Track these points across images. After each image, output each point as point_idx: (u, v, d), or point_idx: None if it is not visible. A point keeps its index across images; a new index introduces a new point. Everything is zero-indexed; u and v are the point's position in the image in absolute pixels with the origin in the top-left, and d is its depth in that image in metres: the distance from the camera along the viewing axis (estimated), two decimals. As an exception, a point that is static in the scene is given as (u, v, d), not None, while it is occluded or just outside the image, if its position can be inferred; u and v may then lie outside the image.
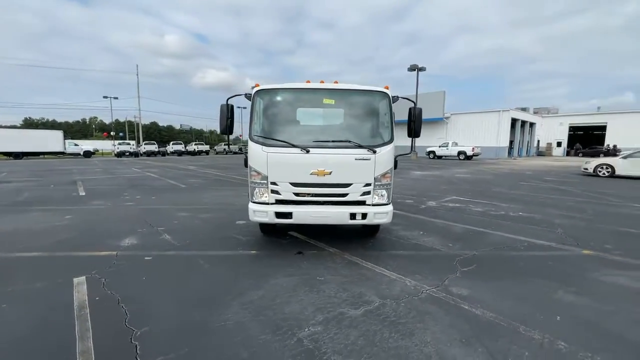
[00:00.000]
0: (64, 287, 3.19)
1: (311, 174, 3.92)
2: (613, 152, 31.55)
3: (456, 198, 8.36)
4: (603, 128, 36.52)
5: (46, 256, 4.11)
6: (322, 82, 4.30)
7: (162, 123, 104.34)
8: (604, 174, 14.27)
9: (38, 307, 2.83)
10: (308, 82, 4.30)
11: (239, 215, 6.17)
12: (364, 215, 3.93)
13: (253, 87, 4.34)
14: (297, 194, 4.01)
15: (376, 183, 4.00)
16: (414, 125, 4.36)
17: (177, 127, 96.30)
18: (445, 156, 29.75)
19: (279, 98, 4.32)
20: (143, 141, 42.64)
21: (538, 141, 39.19)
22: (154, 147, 37.64)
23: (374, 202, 4.04)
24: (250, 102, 4.21)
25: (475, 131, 32.61)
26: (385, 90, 4.17)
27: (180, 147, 39.63)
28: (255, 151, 4.01)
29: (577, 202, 7.96)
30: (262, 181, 4.00)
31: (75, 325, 2.52)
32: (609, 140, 35.05)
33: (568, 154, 38.82)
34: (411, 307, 2.83)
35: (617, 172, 13.88)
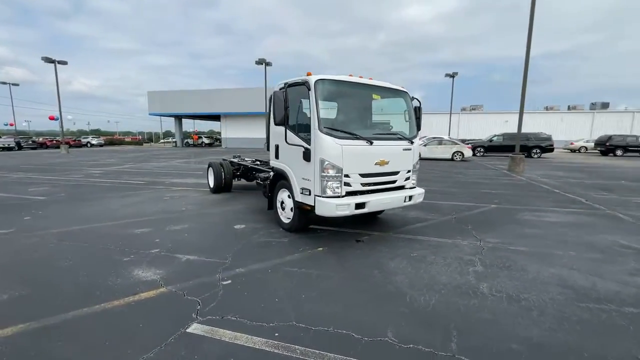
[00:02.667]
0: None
1: (375, 164, 4.24)
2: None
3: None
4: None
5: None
6: (360, 77, 4.57)
7: None
8: (414, 157, 20.39)
9: None
10: (351, 75, 4.46)
11: (217, 220, 5.30)
12: (411, 197, 4.64)
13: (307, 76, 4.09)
14: (363, 184, 4.21)
15: (413, 170, 4.77)
16: (419, 120, 5.32)
17: None
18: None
19: (338, 90, 4.27)
20: None
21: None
22: None
23: (410, 186, 4.80)
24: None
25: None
26: (407, 91, 4.93)
27: None
28: (329, 144, 3.89)
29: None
30: (337, 174, 3.94)
31: None
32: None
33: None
34: (490, 252, 3.92)
35: (423, 156, 20.18)
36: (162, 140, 64.93)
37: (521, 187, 9.33)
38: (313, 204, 4.05)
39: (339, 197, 3.99)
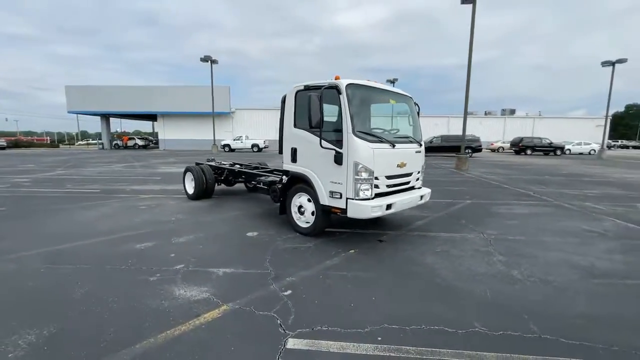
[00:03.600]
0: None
1: (397, 166, 4.44)
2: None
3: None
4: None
5: None
6: (367, 80, 4.56)
7: None
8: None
9: None
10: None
11: (222, 229, 5.00)
12: (422, 197, 4.95)
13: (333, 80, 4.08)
14: (388, 186, 4.37)
15: (421, 170, 5.10)
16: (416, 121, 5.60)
17: None
18: (239, 149, 31.47)
19: (362, 94, 4.33)
20: None
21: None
22: None
23: (419, 186, 5.11)
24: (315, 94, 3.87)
25: (260, 126, 36.41)
26: (411, 96, 5.24)
27: None
28: (363, 147, 3.97)
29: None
30: (369, 177, 4.03)
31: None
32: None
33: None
34: (497, 243, 4.42)
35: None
36: (81, 142, 57.00)
37: (475, 183, 10.51)
38: (344, 207, 4.08)
39: (369, 199, 4.09)
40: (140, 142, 40.13)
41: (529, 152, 29.78)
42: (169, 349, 2.20)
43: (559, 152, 29.69)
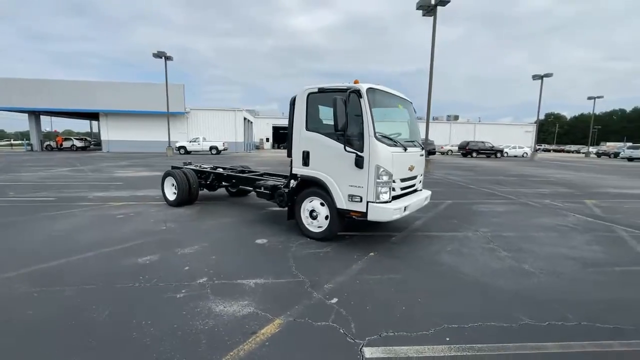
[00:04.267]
0: None
1: (408, 169, 4.58)
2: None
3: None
4: (292, 129, 51.79)
5: None
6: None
7: None
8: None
9: None
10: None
11: (226, 237, 4.73)
12: (426, 198, 5.15)
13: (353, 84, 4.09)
14: (402, 188, 4.48)
15: (422, 173, 5.31)
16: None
17: None
18: (196, 151, 29.88)
19: (378, 99, 4.36)
20: None
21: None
22: None
23: (420, 188, 5.32)
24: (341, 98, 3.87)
25: (215, 127, 34.90)
26: (412, 101, 5.44)
27: None
28: (384, 151, 4.03)
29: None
30: (388, 180, 4.10)
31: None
32: (296, 138, 50.40)
33: (273, 147, 51.45)
34: (496, 239, 4.78)
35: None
36: (1, 143, 49.52)
37: (445, 184, 11.24)
38: (364, 211, 4.09)
39: (388, 202, 4.16)
40: (78, 144, 36.05)
41: (474, 154, 32.63)
42: (244, 372, 2.01)
43: (499, 155, 33.00)
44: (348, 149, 4.08)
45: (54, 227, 5.11)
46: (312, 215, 4.65)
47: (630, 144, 39.06)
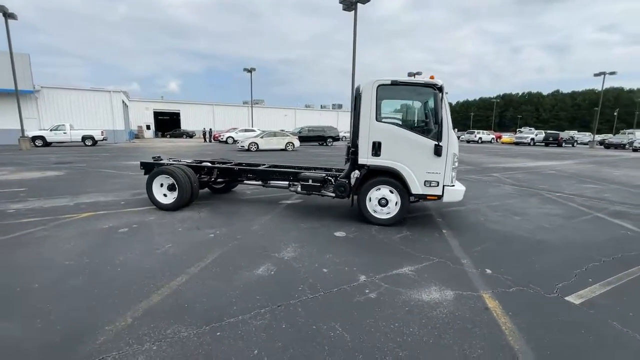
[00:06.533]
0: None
1: (451, 155, 5.31)
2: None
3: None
4: (179, 114, 45.77)
5: None
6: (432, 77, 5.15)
7: None
8: (254, 149, 20.87)
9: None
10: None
11: (304, 235, 4.51)
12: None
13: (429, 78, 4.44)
14: (452, 173, 5.18)
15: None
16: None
17: None
18: (61, 142, 23.38)
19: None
20: None
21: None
22: None
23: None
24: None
25: (82, 111, 27.81)
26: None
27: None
28: (456, 140, 4.61)
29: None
30: (457, 166, 4.70)
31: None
32: (184, 125, 44.97)
33: (157, 136, 44.56)
34: (494, 207, 6.15)
35: (261, 147, 21.03)
36: None
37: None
38: (440, 194, 4.61)
39: (453, 185, 4.78)
40: None
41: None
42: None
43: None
44: (429, 139, 4.47)
45: (72, 249, 3.60)
46: (381, 202, 4.86)
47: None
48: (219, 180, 6.35)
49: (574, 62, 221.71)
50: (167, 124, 48.80)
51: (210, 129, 34.82)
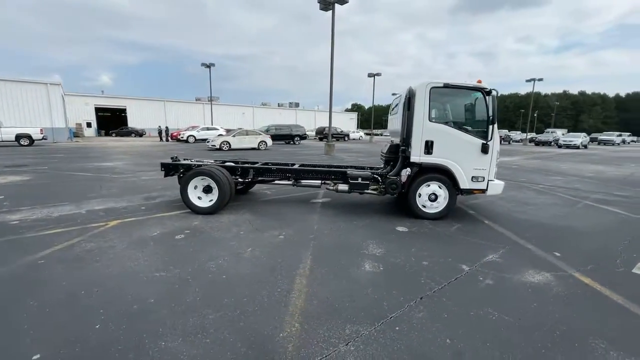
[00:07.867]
0: None
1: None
2: (141, 133, 38.40)
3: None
4: (124, 111, 41.51)
5: None
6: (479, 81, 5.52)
7: None
8: (226, 148, 20.03)
9: None
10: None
11: (373, 231, 4.66)
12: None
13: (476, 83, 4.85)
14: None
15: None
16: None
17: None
18: (-11, 142, 19.99)
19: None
20: None
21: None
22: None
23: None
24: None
25: (14, 106, 24.04)
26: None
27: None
28: (498, 140, 5.06)
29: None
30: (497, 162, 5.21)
31: None
32: (131, 122, 41.02)
33: (99, 134, 40.02)
34: (505, 197, 6.90)
35: (233, 147, 20.26)
36: None
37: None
38: (485, 188, 5.07)
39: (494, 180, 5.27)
40: None
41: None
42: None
43: (346, 138, 39.42)
44: (477, 137, 4.90)
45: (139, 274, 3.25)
46: (430, 198, 5.17)
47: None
48: (245, 180, 6.10)
49: (500, 68, 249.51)
50: (110, 121, 44.16)
51: (167, 127, 32.42)
